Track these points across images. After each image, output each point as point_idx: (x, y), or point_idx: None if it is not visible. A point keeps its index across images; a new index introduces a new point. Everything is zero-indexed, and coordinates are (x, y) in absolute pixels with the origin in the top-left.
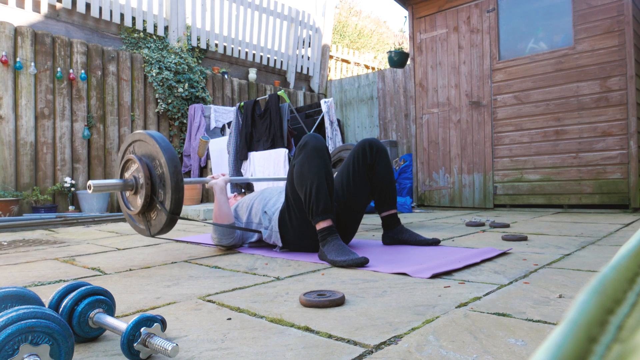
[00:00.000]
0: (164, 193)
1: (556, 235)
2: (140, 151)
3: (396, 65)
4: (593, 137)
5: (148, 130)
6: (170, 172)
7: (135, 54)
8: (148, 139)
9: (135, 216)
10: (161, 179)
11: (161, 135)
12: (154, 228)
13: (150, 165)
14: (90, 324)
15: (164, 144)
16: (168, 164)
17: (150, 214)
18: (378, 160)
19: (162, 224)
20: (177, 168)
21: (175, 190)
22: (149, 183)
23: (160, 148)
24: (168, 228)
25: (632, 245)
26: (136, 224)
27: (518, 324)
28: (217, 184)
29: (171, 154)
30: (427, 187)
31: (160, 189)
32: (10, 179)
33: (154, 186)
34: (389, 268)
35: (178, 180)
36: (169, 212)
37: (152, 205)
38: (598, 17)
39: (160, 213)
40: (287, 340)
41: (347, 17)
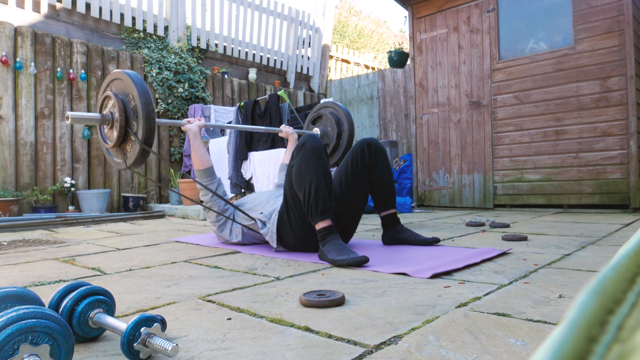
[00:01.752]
0: (137, 124)
1: (556, 235)
2: (116, 89)
3: (396, 65)
4: (593, 137)
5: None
6: (142, 104)
7: (135, 54)
8: (123, 76)
9: (112, 150)
10: (134, 112)
11: (135, 73)
12: (129, 159)
13: (124, 99)
14: (90, 324)
15: (136, 79)
16: (140, 96)
17: (125, 146)
18: (377, 160)
19: (136, 154)
20: (147, 100)
21: (146, 120)
22: (122, 115)
23: (134, 83)
24: (142, 159)
25: (632, 245)
26: (113, 158)
27: (518, 324)
28: (190, 129)
29: (143, 88)
30: (427, 187)
31: (133, 121)
32: (10, 179)
33: (127, 118)
34: (389, 268)
35: (149, 111)
36: (141, 141)
37: (127, 137)
38: (598, 17)
39: (135, 144)
40: (287, 340)
41: (347, 17)
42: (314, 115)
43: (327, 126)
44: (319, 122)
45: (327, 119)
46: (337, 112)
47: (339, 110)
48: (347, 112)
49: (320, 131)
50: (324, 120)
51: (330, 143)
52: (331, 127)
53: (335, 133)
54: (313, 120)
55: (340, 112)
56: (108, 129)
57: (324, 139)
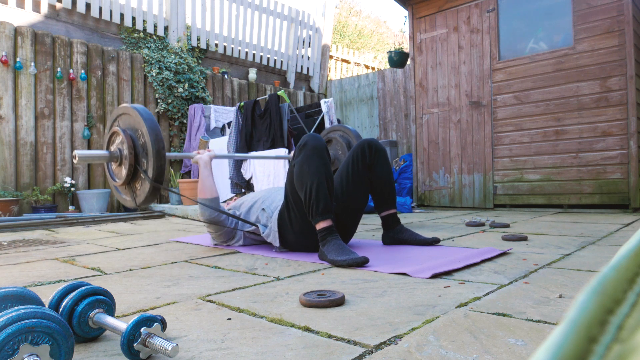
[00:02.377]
0: (147, 162)
1: (556, 235)
2: (124, 124)
3: (396, 65)
4: (593, 137)
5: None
6: (152, 141)
7: (135, 54)
8: (132, 111)
9: (120, 187)
10: (144, 148)
11: (144, 108)
12: (139, 197)
13: (133, 136)
14: (90, 324)
15: (146, 115)
16: (149, 132)
17: (135, 184)
18: (377, 161)
19: (146, 192)
20: (157, 136)
21: (157, 157)
22: (132, 152)
23: (142, 118)
24: (152, 197)
25: (632, 245)
26: (122, 196)
27: (518, 324)
28: (201, 159)
29: (152, 123)
30: (427, 187)
31: (143, 158)
32: (10, 179)
33: (137, 156)
34: (389, 268)
35: (159, 147)
36: (152, 180)
37: (137, 175)
38: (598, 17)
39: (144, 182)
40: (287, 340)
41: (347, 17)
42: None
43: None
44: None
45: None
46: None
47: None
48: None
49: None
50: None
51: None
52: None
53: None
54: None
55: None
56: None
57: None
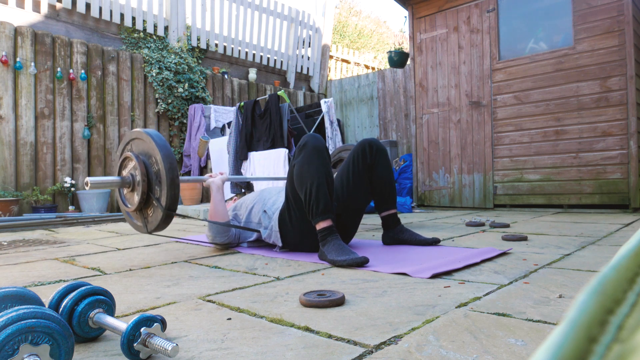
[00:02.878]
0: (160, 190)
1: (556, 235)
2: (137, 149)
3: (396, 65)
4: (593, 137)
5: (145, 129)
6: (166, 169)
7: (135, 54)
8: (145, 137)
9: (132, 213)
10: (157, 176)
11: (157, 133)
12: (151, 225)
13: (147, 162)
14: (90, 324)
15: (160, 141)
16: (164, 160)
17: (147, 211)
18: (378, 161)
19: (159, 220)
20: (172, 165)
21: (171, 186)
22: (145, 180)
23: (157, 145)
24: (164, 224)
25: (632, 245)
26: (133, 221)
27: (518, 324)
28: (214, 182)
29: (167, 151)
30: (427, 187)
31: (156, 185)
32: (10, 179)
33: (150, 183)
34: (389, 268)
35: (174, 176)
36: (165, 208)
37: (149, 202)
38: (598, 17)
39: (157, 209)
40: (287, 340)
41: (347, 17)
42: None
43: None
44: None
45: None
46: None
47: None
48: None
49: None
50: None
51: None
52: None
53: None
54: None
55: None
56: (128, 192)
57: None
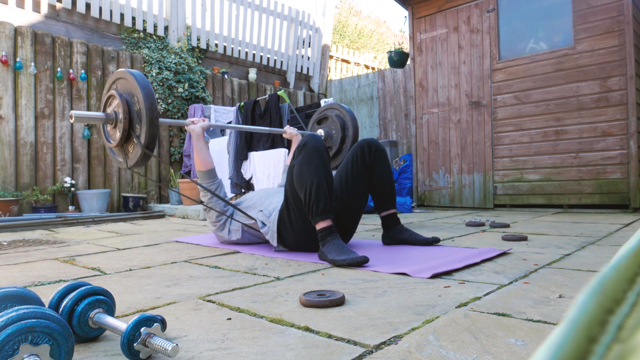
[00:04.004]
0: (140, 127)
1: (556, 235)
2: (122, 88)
3: (396, 65)
4: (593, 137)
5: (130, 69)
6: (146, 108)
7: (135, 54)
8: (128, 76)
9: (114, 148)
10: (138, 115)
11: (140, 74)
12: (131, 160)
13: (129, 101)
14: (90, 324)
15: (142, 81)
16: (144, 100)
17: (127, 147)
18: (377, 161)
19: (138, 157)
20: (152, 105)
21: (150, 125)
22: (127, 117)
23: (139, 85)
24: (142, 162)
25: (632, 245)
26: (115, 157)
27: (518, 324)
28: (193, 130)
29: (148, 91)
30: (427, 187)
31: (137, 124)
32: (10, 179)
33: (131, 121)
34: (389, 268)
35: (153, 116)
36: (143, 146)
37: (130, 139)
38: (598, 17)
39: (137, 147)
40: (287, 340)
41: (347, 17)
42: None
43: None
44: (324, 123)
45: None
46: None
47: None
48: (353, 117)
49: (325, 133)
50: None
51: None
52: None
53: (339, 137)
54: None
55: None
56: (111, 128)
57: (327, 141)
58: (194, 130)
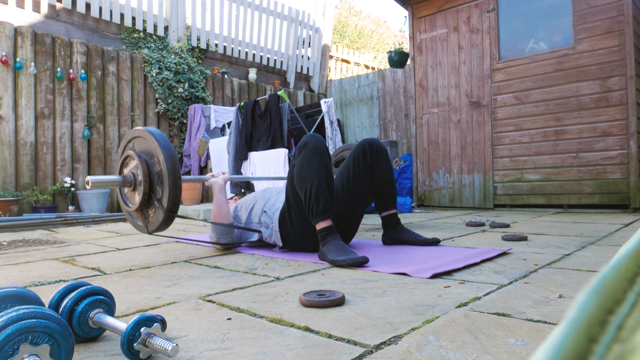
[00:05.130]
0: (162, 191)
1: (556, 235)
2: (139, 148)
3: (396, 65)
4: (593, 137)
5: (147, 127)
6: (169, 170)
7: (135, 54)
8: (147, 135)
9: (133, 213)
10: (159, 177)
11: (160, 133)
12: (152, 225)
13: (149, 162)
14: (90, 324)
15: (162, 141)
16: (166, 161)
17: (148, 211)
18: (378, 161)
19: (160, 221)
20: (175, 166)
21: (172, 188)
22: (147, 180)
23: (159, 145)
24: (165, 226)
25: (632, 245)
26: (134, 221)
27: (518, 324)
28: (216, 183)
29: (170, 152)
30: (427, 187)
31: (158, 186)
32: (10, 179)
33: (152, 183)
34: (389, 268)
35: (176, 178)
36: (166, 210)
37: (150, 202)
38: (598, 17)
39: (158, 210)
40: (287, 340)
41: (347, 17)
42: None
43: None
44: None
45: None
46: None
47: None
48: None
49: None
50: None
51: None
52: None
53: None
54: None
55: None
56: (129, 191)
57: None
58: (217, 182)
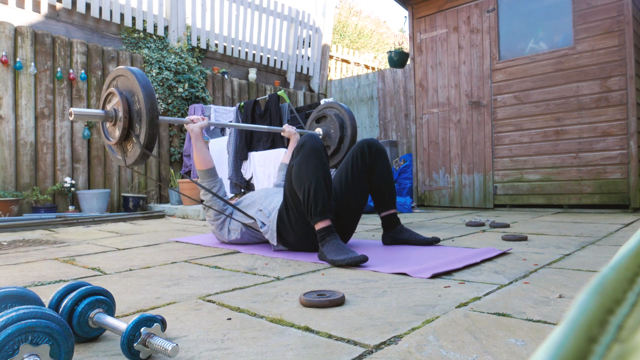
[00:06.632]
0: (140, 127)
1: (556, 235)
2: (122, 86)
3: (396, 65)
4: (593, 137)
5: (130, 67)
6: (147, 108)
7: (135, 54)
8: (129, 74)
9: (113, 146)
10: (138, 114)
11: (141, 72)
12: (129, 159)
13: (129, 99)
14: (90, 324)
15: (143, 80)
16: (145, 100)
17: (126, 145)
18: (377, 161)
19: (136, 156)
20: (153, 104)
21: (150, 125)
22: (127, 117)
23: (139, 84)
24: (141, 161)
25: (632, 245)
26: (114, 154)
27: (518, 324)
28: (192, 130)
29: (148, 91)
30: (427, 187)
31: (136, 123)
32: (10, 179)
33: (131, 120)
34: (389, 268)
35: (153, 116)
36: (142, 146)
37: (129, 137)
38: (598, 17)
39: (136, 145)
40: (287, 340)
41: (347, 17)
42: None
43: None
44: (322, 121)
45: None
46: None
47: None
48: (351, 117)
49: (323, 132)
50: (328, 121)
51: (332, 145)
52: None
53: (338, 136)
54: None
55: (345, 115)
56: (110, 125)
57: (325, 140)
58: (193, 129)
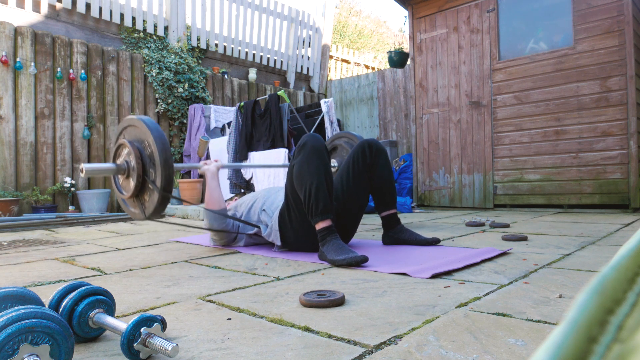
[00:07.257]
0: (155, 172)
1: (556, 235)
2: (130, 136)
3: (396, 65)
4: (593, 137)
5: (139, 115)
6: (159, 150)
7: (135, 54)
8: (137, 122)
9: (128, 200)
10: (151, 158)
11: (149, 118)
12: (148, 209)
13: (140, 146)
14: (90, 324)
15: (151, 125)
16: (156, 142)
17: (143, 196)
18: (377, 161)
19: (155, 203)
20: (164, 145)
21: (164, 167)
22: (139, 163)
23: (148, 129)
24: (161, 207)
25: (632, 245)
26: (130, 209)
27: (518, 324)
28: (208, 170)
29: (158, 133)
30: (427, 187)
31: (150, 168)
32: (10, 179)
33: (144, 166)
34: (389, 268)
35: (167, 157)
36: (161, 190)
37: (145, 186)
38: (598, 17)
39: (153, 193)
40: (287, 340)
41: (347, 17)
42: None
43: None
44: (334, 153)
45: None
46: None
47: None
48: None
49: (338, 163)
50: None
51: None
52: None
53: None
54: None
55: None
56: (124, 179)
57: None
58: (209, 169)
